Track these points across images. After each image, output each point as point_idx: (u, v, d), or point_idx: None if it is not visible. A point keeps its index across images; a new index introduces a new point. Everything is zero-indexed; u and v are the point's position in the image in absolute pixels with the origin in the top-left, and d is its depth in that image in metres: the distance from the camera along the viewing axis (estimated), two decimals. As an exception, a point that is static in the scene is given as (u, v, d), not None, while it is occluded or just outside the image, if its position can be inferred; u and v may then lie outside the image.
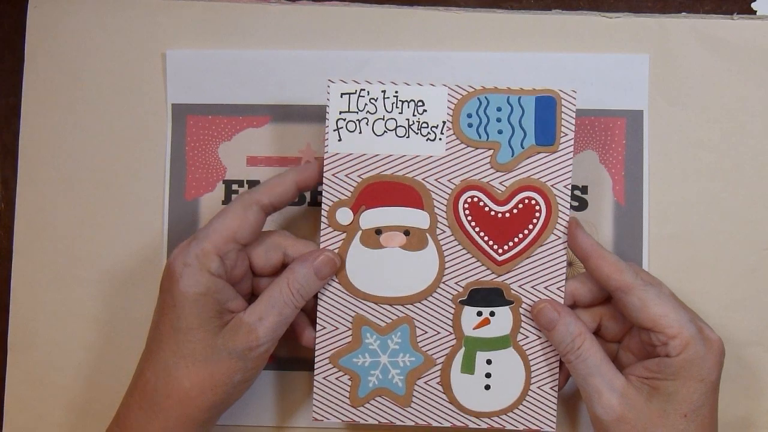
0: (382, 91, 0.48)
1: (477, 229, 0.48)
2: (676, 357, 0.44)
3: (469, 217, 0.48)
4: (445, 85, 0.48)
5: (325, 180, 0.48)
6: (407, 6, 0.54)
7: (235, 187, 0.54)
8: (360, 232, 0.48)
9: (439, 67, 0.53)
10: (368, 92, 0.48)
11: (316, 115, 0.53)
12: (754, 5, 0.54)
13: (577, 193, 0.53)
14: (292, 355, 0.53)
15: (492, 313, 0.49)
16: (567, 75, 0.53)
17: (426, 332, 0.49)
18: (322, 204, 0.48)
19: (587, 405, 0.46)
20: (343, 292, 0.49)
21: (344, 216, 0.48)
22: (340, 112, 0.48)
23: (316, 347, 0.49)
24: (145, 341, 0.47)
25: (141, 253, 0.54)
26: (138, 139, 0.54)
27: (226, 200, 0.54)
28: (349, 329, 0.49)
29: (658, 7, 0.54)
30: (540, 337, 0.49)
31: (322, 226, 0.48)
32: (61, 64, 0.54)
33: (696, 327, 0.44)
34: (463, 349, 0.49)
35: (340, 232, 0.48)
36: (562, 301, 0.48)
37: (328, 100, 0.48)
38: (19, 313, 0.54)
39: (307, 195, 0.54)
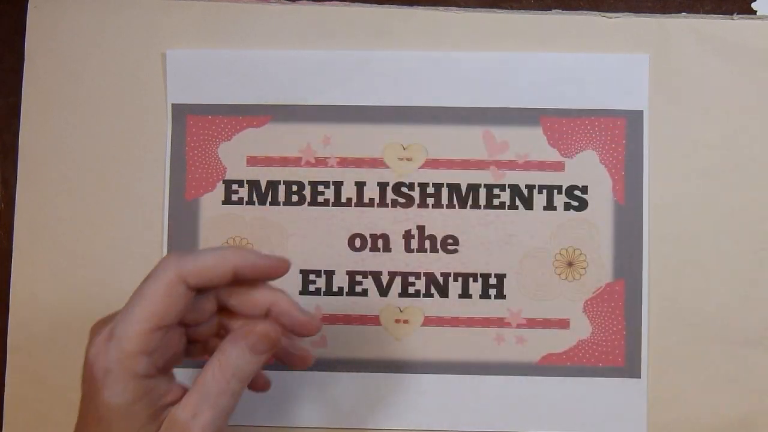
0: None
1: None
2: None
3: None
4: None
5: None
6: (407, 6, 0.54)
7: (235, 187, 0.54)
8: None
9: (438, 67, 0.53)
10: None
11: (316, 115, 0.53)
12: (754, 5, 0.54)
13: (577, 193, 0.53)
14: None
15: None
16: (567, 75, 0.53)
17: None
18: None
19: None
20: None
21: None
22: None
23: None
24: None
25: (141, 253, 0.54)
26: (138, 139, 0.54)
27: (226, 200, 0.54)
28: None
29: (658, 7, 0.54)
30: None
31: None
32: (61, 64, 0.54)
33: None
34: None
35: None
36: None
37: None
38: (19, 313, 0.54)
39: (308, 195, 0.54)
